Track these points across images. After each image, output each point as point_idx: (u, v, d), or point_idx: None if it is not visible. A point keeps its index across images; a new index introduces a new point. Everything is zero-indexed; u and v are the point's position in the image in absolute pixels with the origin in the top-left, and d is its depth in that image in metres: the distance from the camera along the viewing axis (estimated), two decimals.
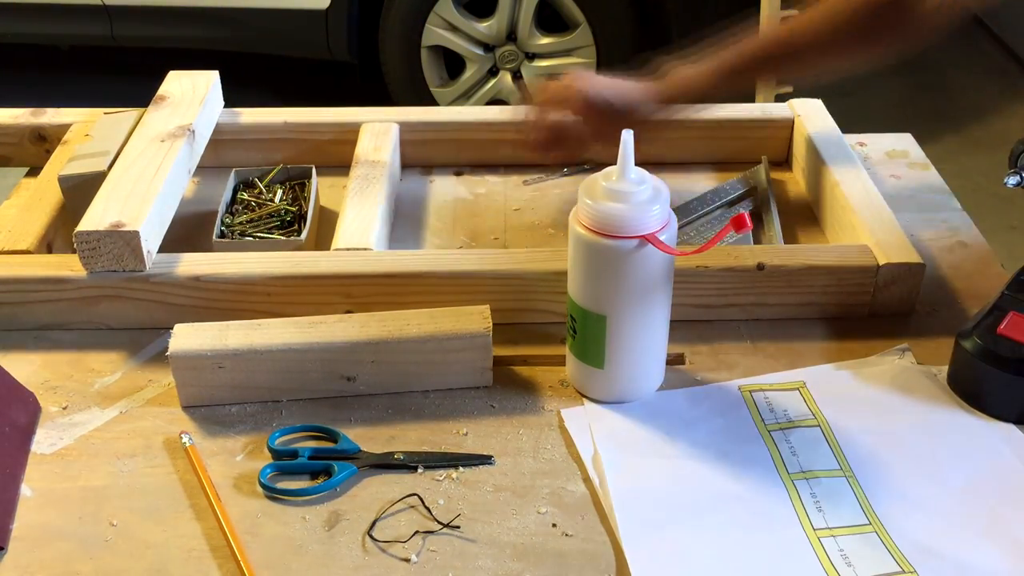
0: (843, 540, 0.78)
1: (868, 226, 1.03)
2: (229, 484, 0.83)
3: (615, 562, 0.76)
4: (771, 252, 1.00)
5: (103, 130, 1.15)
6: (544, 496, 0.82)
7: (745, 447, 0.86)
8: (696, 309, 0.99)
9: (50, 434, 0.88)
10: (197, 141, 1.13)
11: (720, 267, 0.97)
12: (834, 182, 1.11)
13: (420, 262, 0.98)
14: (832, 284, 0.99)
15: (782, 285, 0.98)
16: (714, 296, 0.99)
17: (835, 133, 1.20)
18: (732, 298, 0.99)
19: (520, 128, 1.13)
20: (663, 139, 1.21)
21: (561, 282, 0.90)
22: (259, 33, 3.08)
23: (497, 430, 0.88)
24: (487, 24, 2.96)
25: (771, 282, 0.98)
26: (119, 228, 0.95)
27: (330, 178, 1.19)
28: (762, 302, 0.99)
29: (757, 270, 0.97)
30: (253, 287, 0.97)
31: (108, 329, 0.99)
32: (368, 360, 0.89)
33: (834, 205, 1.11)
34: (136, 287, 0.97)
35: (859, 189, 1.09)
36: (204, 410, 0.90)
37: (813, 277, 0.98)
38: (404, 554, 0.77)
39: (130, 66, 2.23)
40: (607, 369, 0.88)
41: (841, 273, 0.99)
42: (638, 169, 0.83)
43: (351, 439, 0.86)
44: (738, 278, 0.98)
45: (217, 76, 1.23)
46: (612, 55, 2.96)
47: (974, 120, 3.22)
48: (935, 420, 0.88)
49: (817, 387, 0.92)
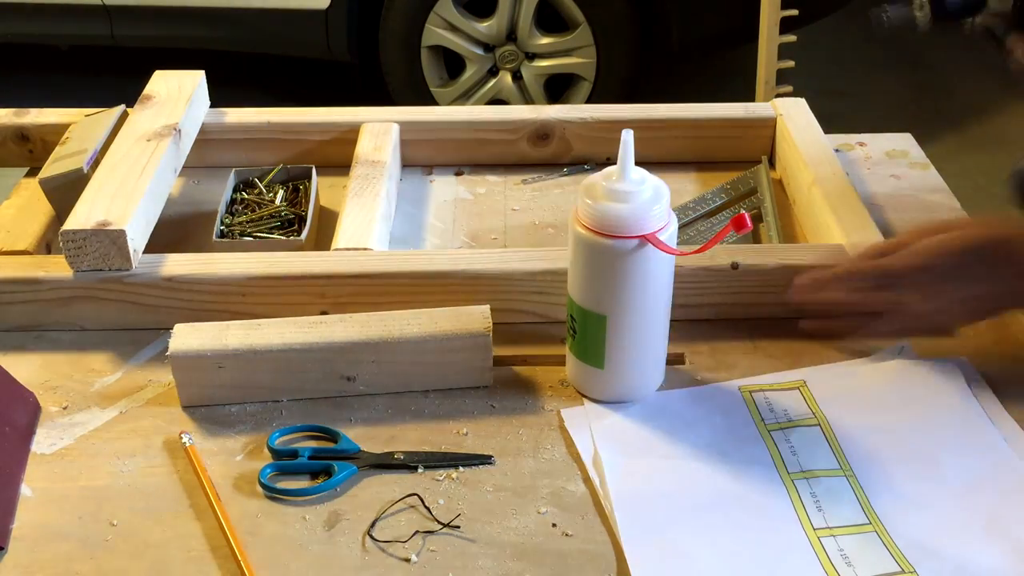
0: (843, 540, 0.78)
1: (843, 226, 1.03)
2: (229, 484, 0.83)
3: (615, 562, 0.76)
4: (745, 251, 0.99)
5: (81, 131, 1.15)
6: (544, 496, 0.82)
7: (745, 447, 0.86)
8: (688, 309, 0.99)
9: (50, 434, 0.88)
10: (183, 140, 1.13)
11: (695, 266, 0.96)
12: (811, 181, 1.11)
13: (421, 261, 0.98)
14: None
15: (756, 285, 0.98)
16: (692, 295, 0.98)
17: (816, 132, 1.20)
18: (708, 297, 0.98)
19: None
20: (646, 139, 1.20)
21: (561, 282, 0.90)
22: (259, 33, 3.09)
23: (497, 430, 0.88)
24: (487, 24, 2.96)
25: (744, 281, 0.98)
26: (105, 227, 0.95)
27: (330, 178, 1.19)
28: (737, 301, 0.99)
29: (732, 269, 0.97)
30: (227, 288, 0.97)
31: (83, 330, 0.99)
32: (368, 360, 0.89)
33: (811, 204, 1.11)
34: (111, 288, 0.97)
35: (835, 188, 1.09)
36: (204, 410, 0.90)
37: (788, 276, 0.97)
38: (404, 554, 0.77)
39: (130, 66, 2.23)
40: (607, 369, 0.88)
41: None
42: (638, 169, 0.83)
43: (351, 439, 0.86)
44: (714, 277, 0.98)
45: (203, 76, 1.23)
46: (612, 55, 2.96)
47: (974, 120, 3.22)
48: (935, 419, 0.88)
49: (817, 387, 0.92)
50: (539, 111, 1.25)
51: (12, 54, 3.47)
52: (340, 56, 3.07)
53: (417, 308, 0.92)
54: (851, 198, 1.08)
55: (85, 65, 3.51)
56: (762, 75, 2.53)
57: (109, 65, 3.41)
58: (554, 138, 1.24)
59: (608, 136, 1.23)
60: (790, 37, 2.52)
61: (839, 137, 1.30)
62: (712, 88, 3.28)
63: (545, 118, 1.23)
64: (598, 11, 2.91)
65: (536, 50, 2.99)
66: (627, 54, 2.97)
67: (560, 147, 1.25)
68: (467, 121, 1.25)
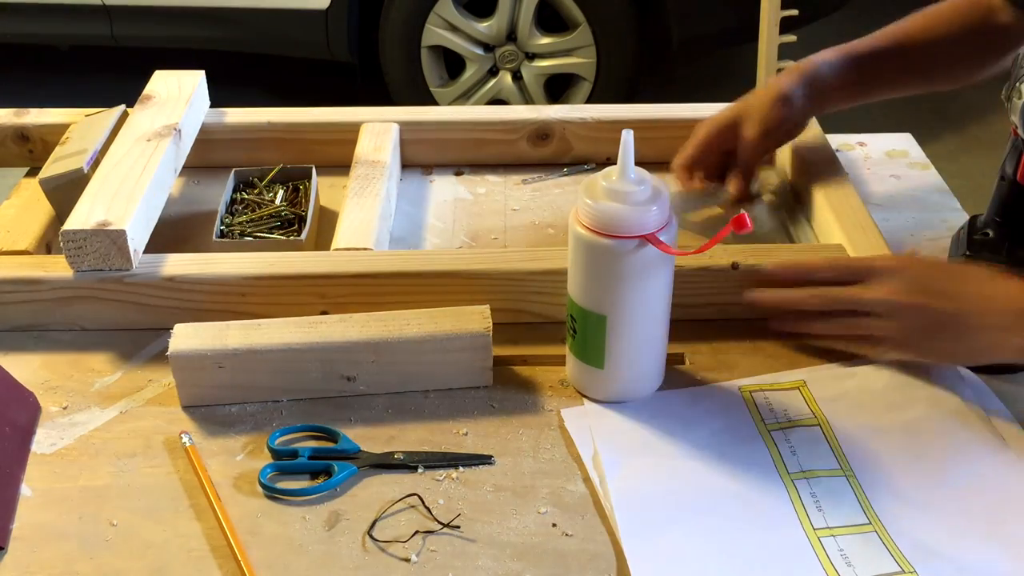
0: (843, 540, 0.78)
1: (843, 226, 1.03)
2: (229, 484, 0.83)
3: (615, 562, 0.76)
4: (745, 251, 0.99)
5: (81, 131, 1.15)
6: (544, 496, 0.82)
7: (745, 447, 0.86)
8: (688, 309, 0.98)
9: (50, 434, 0.88)
10: (183, 140, 1.13)
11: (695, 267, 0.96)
12: (809, 178, 1.11)
13: (421, 261, 0.98)
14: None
15: (756, 285, 0.98)
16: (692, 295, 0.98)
17: (816, 132, 1.20)
18: (708, 297, 0.98)
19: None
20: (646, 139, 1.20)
21: (561, 282, 0.90)
22: (259, 33, 3.09)
23: (497, 430, 0.88)
24: (487, 24, 2.96)
25: (744, 281, 0.97)
26: (105, 227, 0.95)
27: (330, 178, 1.19)
28: (737, 301, 0.98)
29: (732, 269, 0.97)
30: (227, 287, 0.97)
31: (83, 330, 0.99)
32: (368, 360, 0.89)
33: (810, 203, 1.11)
34: (111, 287, 0.97)
35: (835, 188, 1.09)
36: (204, 410, 0.90)
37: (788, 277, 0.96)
38: (404, 554, 0.77)
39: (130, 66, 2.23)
40: (607, 369, 0.88)
41: None
42: (638, 169, 0.83)
43: (351, 439, 0.86)
44: (714, 277, 0.97)
45: (203, 76, 1.23)
46: (612, 55, 2.96)
47: (974, 120, 3.22)
48: (935, 419, 0.88)
49: (817, 387, 0.92)
50: (539, 111, 1.25)
51: (12, 54, 3.47)
52: (340, 56, 3.07)
53: (417, 308, 0.92)
54: (851, 198, 1.08)
55: (85, 65, 3.51)
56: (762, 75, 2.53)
57: (109, 65, 3.41)
58: (554, 138, 1.24)
59: (608, 136, 1.23)
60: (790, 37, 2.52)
61: (839, 137, 1.30)
62: (712, 88, 3.29)
63: (545, 118, 1.23)
64: (598, 11, 2.91)
65: (536, 50, 2.99)
66: (627, 54, 2.97)
67: (560, 147, 1.25)
68: (467, 121, 1.25)
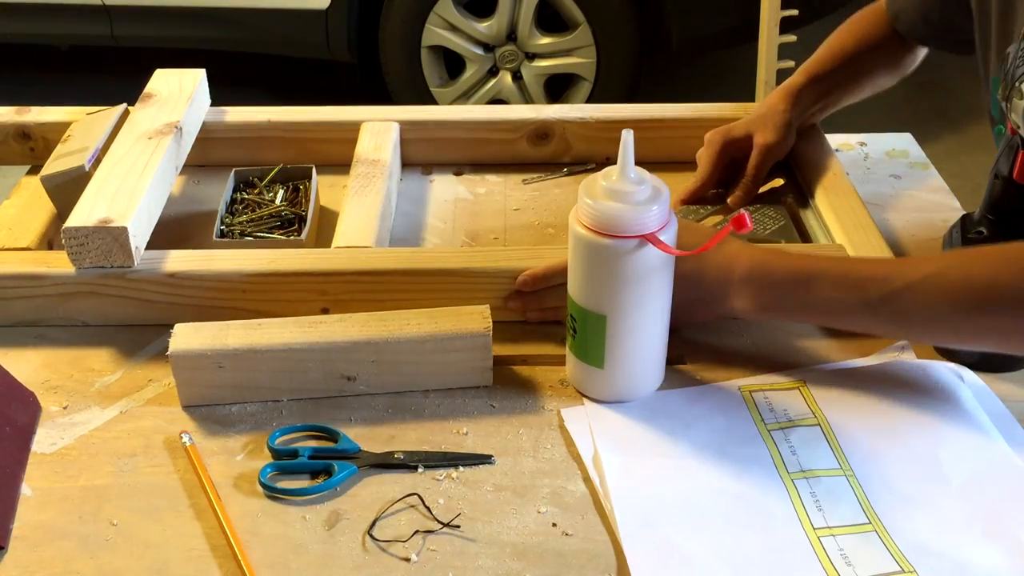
0: (843, 539, 0.78)
1: (843, 226, 1.03)
2: (229, 484, 0.83)
3: (615, 562, 0.76)
4: None
5: (83, 129, 1.15)
6: (544, 496, 0.82)
7: (745, 447, 0.86)
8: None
9: (50, 434, 0.88)
10: (184, 138, 1.13)
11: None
12: (809, 179, 1.11)
13: (422, 259, 0.98)
14: None
15: None
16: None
17: (816, 132, 1.20)
18: None
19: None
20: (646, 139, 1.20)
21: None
22: (259, 33, 3.09)
23: (497, 430, 0.88)
24: (487, 24, 2.96)
25: None
26: (107, 224, 0.95)
27: (330, 178, 1.19)
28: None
29: None
30: (228, 284, 0.97)
31: (84, 327, 0.99)
32: (368, 360, 0.90)
33: (810, 203, 1.11)
34: (112, 283, 0.97)
35: (835, 188, 1.09)
36: (204, 410, 0.90)
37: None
38: (404, 553, 0.77)
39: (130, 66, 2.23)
40: (607, 369, 0.88)
41: None
42: (638, 169, 0.83)
43: (351, 439, 0.86)
44: None
45: (204, 74, 1.23)
46: (612, 55, 2.96)
47: (974, 120, 3.22)
48: (935, 419, 0.88)
49: (817, 387, 0.92)
50: (539, 111, 1.25)
51: (12, 54, 3.47)
52: (340, 56, 3.07)
53: (417, 307, 0.92)
54: (851, 198, 1.08)
55: (85, 65, 3.51)
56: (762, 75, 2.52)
57: (109, 65, 3.42)
58: (554, 138, 1.24)
59: (608, 136, 1.23)
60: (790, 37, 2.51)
61: (839, 137, 1.30)
62: (712, 88, 3.29)
63: (545, 118, 1.23)
64: (598, 11, 2.91)
65: (536, 50, 2.99)
66: (627, 54, 2.97)
67: (560, 147, 1.25)
68: (467, 121, 1.25)
